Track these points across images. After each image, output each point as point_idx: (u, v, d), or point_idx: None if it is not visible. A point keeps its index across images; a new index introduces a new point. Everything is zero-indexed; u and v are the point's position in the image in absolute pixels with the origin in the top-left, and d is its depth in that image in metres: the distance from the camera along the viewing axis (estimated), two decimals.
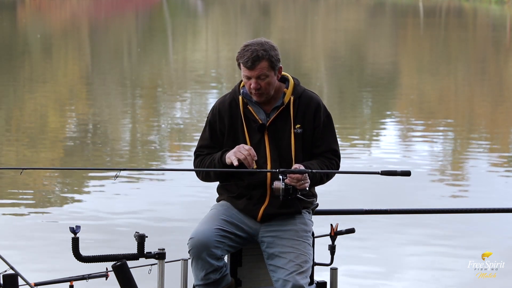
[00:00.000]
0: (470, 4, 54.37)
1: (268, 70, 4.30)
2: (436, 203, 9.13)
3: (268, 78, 4.31)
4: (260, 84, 4.31)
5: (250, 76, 4.31)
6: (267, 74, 4.30)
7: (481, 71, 23.60)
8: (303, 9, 48.77)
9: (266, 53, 4.28)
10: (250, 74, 4.30)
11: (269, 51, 4.29)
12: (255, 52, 4.26)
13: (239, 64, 4.35)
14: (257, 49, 4.28)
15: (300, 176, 4.21)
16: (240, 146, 4.29)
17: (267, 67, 4.29)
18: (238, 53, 4.33)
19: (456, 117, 15.86)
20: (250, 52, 4.27)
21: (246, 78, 4.34)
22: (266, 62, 4.29)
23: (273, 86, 4.37)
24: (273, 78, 4.34)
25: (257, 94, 4.33)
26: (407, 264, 7.39)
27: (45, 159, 11.35)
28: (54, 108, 15.99)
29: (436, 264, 7.32)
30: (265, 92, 4.34)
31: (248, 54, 4.27)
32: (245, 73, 4.32)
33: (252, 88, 4.32)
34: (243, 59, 4.29)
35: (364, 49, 29.06)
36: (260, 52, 4.27)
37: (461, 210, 6.40)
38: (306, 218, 4.42)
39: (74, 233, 4.26)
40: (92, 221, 8.28)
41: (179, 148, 12.51)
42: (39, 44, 28.29)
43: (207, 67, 23.88)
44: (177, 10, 49.70)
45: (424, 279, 7.03)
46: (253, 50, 4.27)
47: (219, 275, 4.28)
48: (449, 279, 7.01)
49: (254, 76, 4.30)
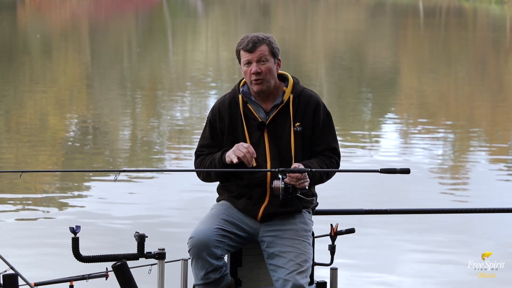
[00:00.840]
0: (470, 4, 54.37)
1: (269, 55, 4.33)
2: (436, 203, 9.13)
3: (269, 63, 4.33)
4: (260, 69, 4.31)
5: (250, 60, 4.32)
6: (267, 58, 4.33)
7: (481, 71, 23.61)
8: (303, 9, 48.78)
9: (266, 38, 4.36)
10: (250, 57, 4.32)
11: (269, 38, 4.38)
12: (255, 37, 4.35)
13: (238, 54, 4.38)
14: (257, 35, 4.37)
15: (299, 175, 4.21)
16: (239, 144, 4.29)
17: (268, 51, 4.33)
18: (238, 43, 4.39)
19: (456, 117, 15.86)
20: (250, 37, 4.35)
21: (246, 64, 4.34)
22: (267, 46, 4.34)
23: (273, 75, 4.37)
24: (273, 65, 4.35)
25: (258, 81, 4.33)
26: (407, 264, 7.39)
27: (45, 159, 11.35)
28: (54, 108, 15.99)
29: (436, 264, 7.32)
30: (265, 78, 4.33)
31: (248, 39, 4.34)
32: (245, 57, 4.34)
33: (253, 72, 4.32)
34: (243, 44, 4.34)
35: (364, 49, 29.06)
36: (260, 37, 4.35)
37: (461, 210, 6.40)
38: (306, 218, 4.43)
39: (74, 233, 4.26)
40: (92, 221, 8.28)
41: (179, 148, 12.51)
42: (39, 44, 28.30)
43: (207, 67, 23.88)
44: (177, 10, 49.71)
45: (424, 279, 7.02)
46: (253, 36, 4.36)
47: (219, 274, 4.28)
48: (449, 279, 7.01)
49: (254, 59, 4.32)
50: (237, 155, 4.25)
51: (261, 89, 4.35)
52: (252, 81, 4.34)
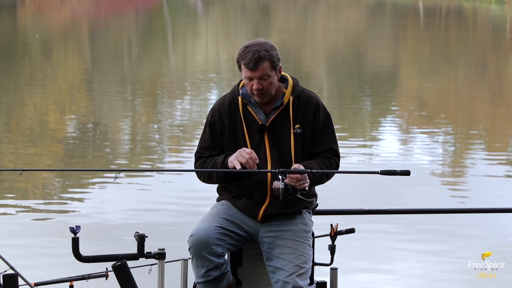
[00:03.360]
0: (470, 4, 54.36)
1: (270, 70, 4.29)
2: (436, 203, 9.13)
3: (270, 78, 4.31)
4: (262, 85, 4.30)
5: (252, 77, 4.30)
6: (269, 75, 4.30)
7: (481, 71, 23.60)
8: (303, 9, 48.76)
9: (268, 53, 4.28)
10: (252, 75, 4.29)
11: (270, 51, 4.29)
12: (257, 53, 4.26)
13: (239, 65, 4.34)
14: (259, 49, 4.27)
15: (299, 176, 4.21)
16: (242, 150, 4.28)
17: (269, 67, 4.29)
18: (239, 55, 4.31)
19: (456, 117, 15.86)
20: (252, 53, 4.26)
21: (247, 79, 4.32)
22: (268, 62, 4.28)
23: (275, 86, 4.36)
24: (274, 78, 4.33)
25: (259, 95, 4.33)
26: (407, 264, 7.39)
27: (45, 159, 11.35)
28: (54, 108, 15.99)
29: (436, 264, 7.32)
30: (267, 92, 4.33)
31: (250, 55, 4.26)
32: (246, 74, 4.30)
33: (255, 89, 4.30)
34: (244, 60, 4.28)
35: (364, 49, 29.05)
36: (262, 53, 4.26)
37: (461, 210, 6.41)
38: (306, 218, 4.42)
39: (74, 233, 4.26)
40: (92, 221, 8.28)
41: (179, 149, 12.50)
42: (38, 44, 28.29)
43: (207, 67, 23.88)
44: (177, 10, 49.70)
45: (424, 279, 7.03)
46: (255, 51, 4.26)
47: (220, 272, 4.28)
48: (449, 279, 7.01)
49: (256, 77, 4.29)
50: (240, 161, 4.24)
51: (262, 101, 4.35)
52: (253, 93, 4.34)
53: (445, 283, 6.96)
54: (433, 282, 6.97)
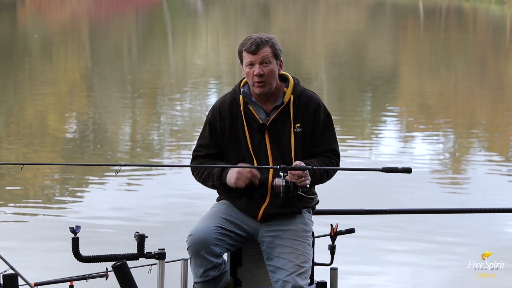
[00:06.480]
0: (470, 4, 54.36)
1: (271, 57, 4.33)
2: (436, 203, 9.13)
3: (271, 64, 4.33)
4: (263, 70, 4.31)
5: (253, 62, 4.32)
6: (270, 60, 4.33)
7: (481, 71, 23.60)
8: (303, 9, 48.76)
9: (269, 40, 4.36)
10: (253, 58, 4.32)
11: (272, 39, 4.38)
12: (258, 39, 4.34)
13: (241, 55, 4.37)
14: (260, 36, 4.36)
15: (300, 172, 4.21)
16: (240, 171, 4.29)
17: (271, 53, 4.33)
18: (240, 44, 4.39)
19: (456, 117, 15.86)
20: (253, 38, 4.34)
21: (249, 65, 4.34)
22: (269, 48, 4.34)
23: (275, 77, 4.37)
24: (275, 67, 4.35)
25: (260, 83, 4.33)
26: (407, 264, 7.39)
27: (45, 159, 11.35)
28: (54, 108, 15.99)
29: (436, 264, 7.32)
30: (268, 81, 4.33)
31: (251, 40, 4.33)
32: (248, 59, 4.33)
33: (256, 74, 4.31)
34: (246, 46, 4.34)
35: (364, 50, 29.05)
36: (263, 39, 4.34)
37: (461, 210, 6.41)
38: (306, 218, 4.42)
39: (74, 233, 4.26)
40: (92, 221, 8.29)
41: (178, 148, 12.50)
42: (38, 44, 28.29)
43: (207, 67, 23.88)
44: (177, 10, 49.70)
45: (424, 279, 7.03)
46: (256, 37, 4.35)
47: (218, 272, 4.28)
48: (449, 279, 7.01)
49: (257, 60, 4.31)
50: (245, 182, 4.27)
51: (263, 92, 4.35)
52: (254, 83, 4.34)
53: (445, 283, 6.96)
54: (433, 281, 6.97)
